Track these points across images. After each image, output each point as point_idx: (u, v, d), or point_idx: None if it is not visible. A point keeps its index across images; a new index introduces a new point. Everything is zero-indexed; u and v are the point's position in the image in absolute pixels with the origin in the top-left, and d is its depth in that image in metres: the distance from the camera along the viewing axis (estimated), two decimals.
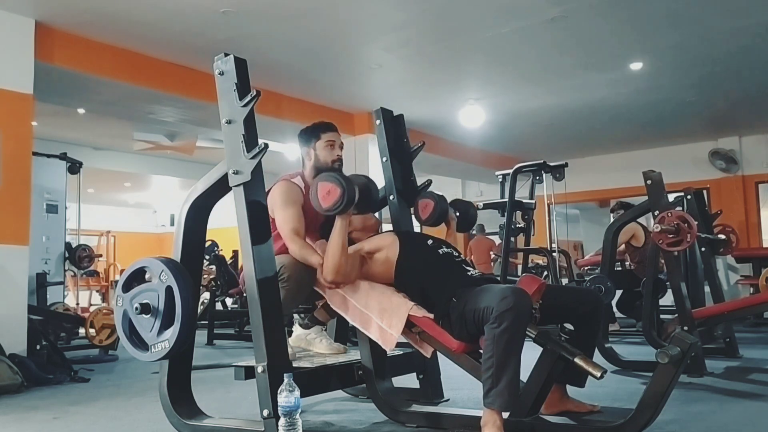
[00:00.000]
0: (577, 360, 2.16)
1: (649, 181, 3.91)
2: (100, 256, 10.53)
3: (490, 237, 8.95)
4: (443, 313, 2.37)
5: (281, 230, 2.68)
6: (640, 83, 6.55)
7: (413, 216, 3.10)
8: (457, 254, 2.64)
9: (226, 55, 2.38)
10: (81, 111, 7.19)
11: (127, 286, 2.45)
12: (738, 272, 8.66)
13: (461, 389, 3.20)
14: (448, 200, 3.07)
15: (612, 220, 5.97)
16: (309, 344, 2.97)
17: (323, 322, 2.99)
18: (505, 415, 2.17)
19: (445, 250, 2.61)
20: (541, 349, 2.27)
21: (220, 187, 2.50)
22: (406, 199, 3.10)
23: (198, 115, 6.78)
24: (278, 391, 2.07)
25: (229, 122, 2.36)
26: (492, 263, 8.82)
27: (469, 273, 2.50)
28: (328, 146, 2.89)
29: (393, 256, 2.56)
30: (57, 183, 6.96)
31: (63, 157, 7.00)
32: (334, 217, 2.49)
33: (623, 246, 6.24)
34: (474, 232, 9.12)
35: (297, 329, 3.00)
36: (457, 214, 3.09)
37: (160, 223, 16.25)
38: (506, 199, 6.53)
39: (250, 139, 2.32)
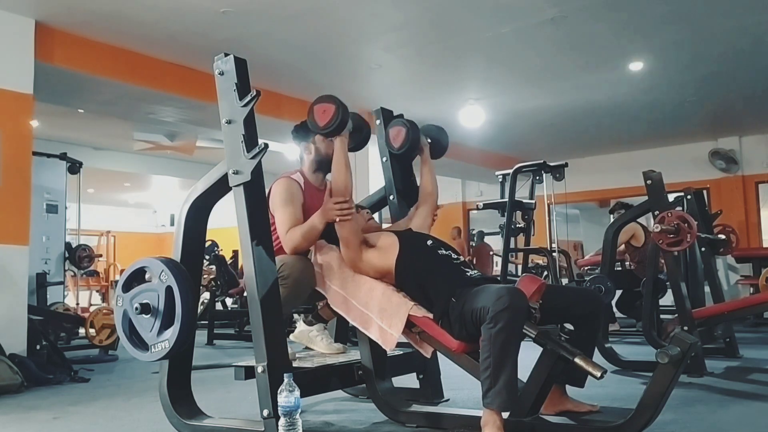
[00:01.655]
0: (577, 360, 2.16)
1: (649, 181, 3.92)
2: (100, 256, 10.53)
3: (492, 236, 8.98)
4: (443, 313, 2.37)
5: (279, 229, 2.68)
6: (639, 83, 6.55)
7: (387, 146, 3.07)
8: (456, 256, 2.64)
9: (226, 55, 2.38)
10: (81, 111, 7.19)
11: (127, 286, 2.45)
12: (738, 272, 8.67)
13: (461, 389, 3.20)
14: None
15: (612, 220, 5.97)
16: (310, 341, 2.97)
17: (326, 320, 3.00)
18: (505, 415, 2.17)
19: (444, 252, 2.61)
20: (541, 349, 2.26)
21: (220, 187, 2.49)
22: (406, 199, 3.10)
23: (198, 115, 6.78)
24: (278, 391, 2.06)
25: (229, 122, 2.36)
26: (496, 265, 8.85)
27: (468, 274, 2.50)
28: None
29: (393, 257, 2.56)
30: (57, 183, 6.96)
31: (63, 157, 7.00)
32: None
33: (623, 246, 6.24)
34: (474, 237, 9.17)
35: (301, 325, 3.00)
36: (429, 140, 3.04)
37: (160, 223, 16.25)
38: (506, 199, 6.53)
39: (250, 139, 2.32)
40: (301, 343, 3.02)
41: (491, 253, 9.08)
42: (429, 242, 2.64)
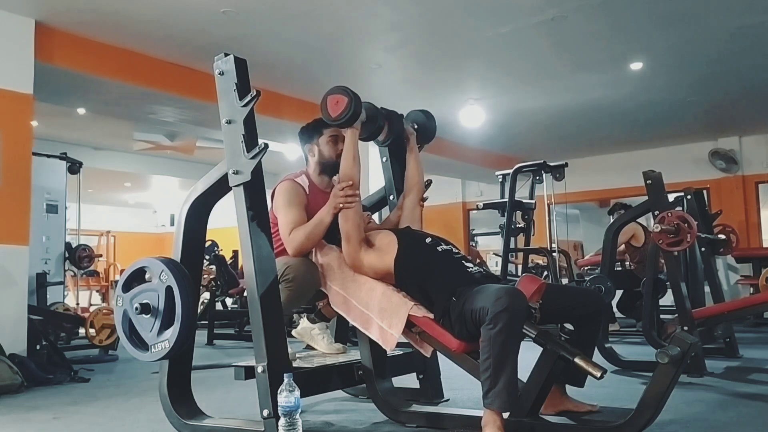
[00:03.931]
0: (577, 360, 2.16)
1: (649, 181, 3.92)
2: (100, 256, 10.53)
3: (491, 236, 8.99)
4: (443, 312, 2.37)
5: (282, 232, 2.68)
6: (639, 83, 6.55)
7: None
8: (456, 251, 2.64)
9: (226, 55, 2.38)
10: (81, 111, 7.19)
11: (127, 286, 2.45)
12: (738, 272, 8.66)
13: (461, 389, 3.20)
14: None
15: (611, 220, 5.97)
16: (311, 339, 2.97)
17: (329, 319, 3.00)
18: (506, 414, 2.17)
19: (444, 247, 2.60)
20: (541, 349, 2.26)
21: (220, 187, 2.50)
22: None
23: (198, 115, 6.78)
24: (278, 391, 2.07)
25: (229, 122, 2.36)
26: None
27: (469, 269, 2.50)
28: (331, 141, 2.89)
29: (392, 256, 2.55)
30: (57, 183, 6.95)
31: (63, 157, 7.00)
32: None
33: (623, 246, 6.24)
34: (472, 244, 9.20)
35: (304, 321, 3.00)
36: (415, 126, 2.96)
37: (160, 223, 16.24)
38: (506, 199, 6.54)
39: (250, 139, 2.32)
40: (302, 340, 3.02)
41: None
42: (428, 240, 2.64)
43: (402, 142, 2.99)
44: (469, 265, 2.54)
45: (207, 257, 7.22)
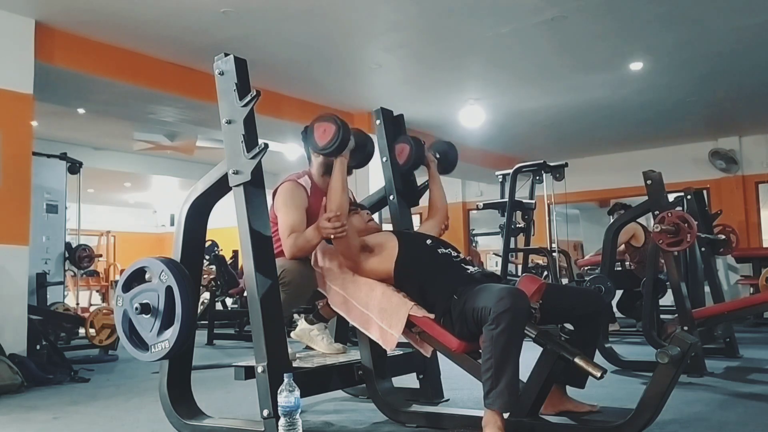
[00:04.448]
0: (577, 360, 2.16)
1: (649, 181, 3.92)
2: (100, 256, 10.53)
3: (491, 236, 8.98)
4: (444, 310, 2.37)
5: (281, 233, 2.68)
6: (639, 83, 6.55)
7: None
8: (456, 254, 2.64)
9: (226, 55, 2.38)
10: (81, 111, 7.19)
11: (127, 286, 2.45)
12: (738, 272, 8.66)
13: (461, 389, 3.20)
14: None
15: (612, 220, 5.97)
16: (311, 340, 2.97)
17: (327, 320, 3.00)
18: (506, 415, 2.17)
19: (444, 250, 2.61)
20: (541, 349, 2.26)
21: (220, 187, 2.49)
22: (406, 199, 3.10)
23: (198, 115, 6.78)
24: (278, 391, 2.07)
25: (229, 122, 2.36)
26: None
27: (469, 271, 2.50)
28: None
29: (392, 255, 2.56)
30: (57, 183, 6.95)
31: (63, 157, 7.00)
32: None
33: (623, 246, 6.24)
34: (473, 245, 9.20)
35: (302, 323, 3.00)
36: (437, 155, 3.05)
37: (160, 223, 16.24)
38: (506, 199, 6.53)
39: (250, 139, 2.32)
40: (301, 341, 3.02)
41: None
42: (428, 241, 2.64)
43: (416, 165, 3.08)
44: (469, 267, 2.54)
45: (207, 257, 7.22)
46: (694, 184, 6.25)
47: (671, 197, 4.70)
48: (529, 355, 2.27)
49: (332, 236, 2.52)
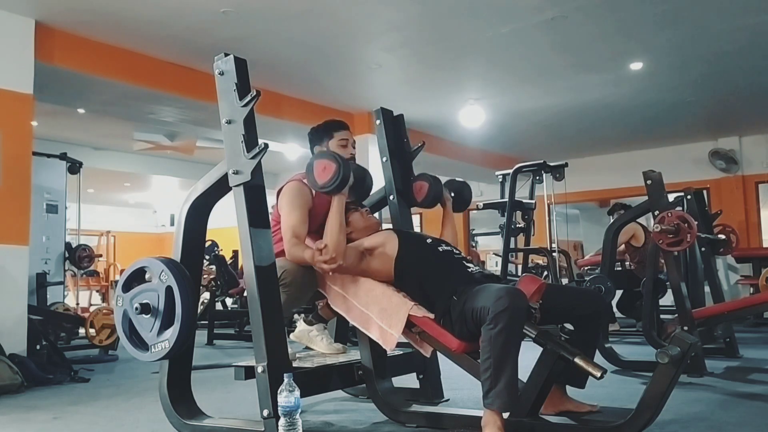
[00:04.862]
0: (577, 360, 2.16)
1: (649, 181, 3.92)
2: (100, 256, 10.53)
3: (491, 236, 8.98)
4: (444, 311, 2.37)
5: (283, 232, 2.68)
6: (639, 83, 6.55)
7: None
8: (457, 252, 2.65)
9: (226, 55, 2.38)
10: (81, 111, 7.19)
11: (127, 286, 2.45)
12: (738, 272, 8.66)
13: (461, 389, 3.20)
14: (442, 181, 3.10)
15: (611, 220, 5.97)
16: (310, 341, 2.97)
17: (326, 320, 3.00)
18: (506, 414, 2.17)
19: (445, 247, 2.61)
20: (541, 349, 2.26)
21: (220, 187, 2.50)
22: (406, 199, 3.10)
23: (198, 115, 6.78)
24: (278, 391, 2.07)
25: (229, 122, 2.36)
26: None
27: (470, 269, 2.50)
28: (341, 145, 2.89)
29: (392, 255, 2.56)
30: (57, 183, 6.96)
31: (63, 157, 7.00)
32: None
33: (623, 246, 6.24)
34: (473, 245, 9.19)
35: (301, 324, 3.00)
36: (452, 194, 3.11)
37: (160, 223, 16.24)
38: (506, 199, 6.54)
39: (250, 139, 2.32)
40: (301, 342, 3.02)
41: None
42: (428, 240, 2.65)
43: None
44: (470, 265, 2.55)
45: (207, 257, 7.22)
46: (694, 184, 6.25)
47: (671, 197, 4.70)
48: (529, 355, 2.27)
49: (323, 270, 2.50)
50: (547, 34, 5.23)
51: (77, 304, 9.02)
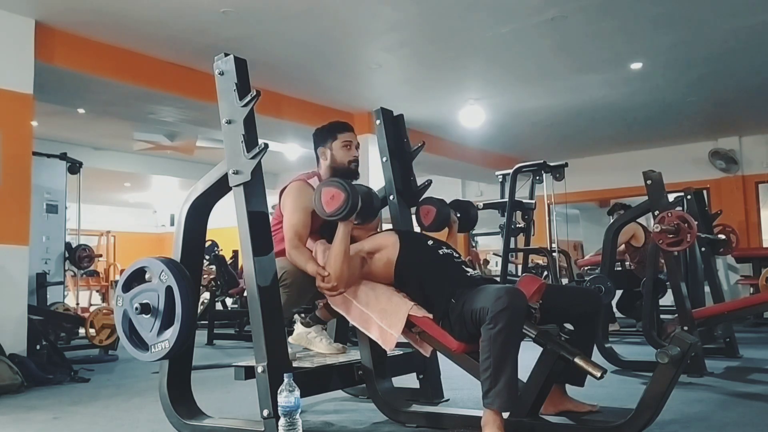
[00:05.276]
0: (577, 360, 2.16)
1: (649, 181, 3.92)
2: (100, 256, 10.53)
3: (491, 236, 8.98)
4: (443, 313, 2.37)
5: (285, 232, 2.68)
6: (639, 83, 6.56)
7: (414, 219, 3.13)
8: (457, 255, 2.65)
9: (226, 55, 2.38)
10: (81, 111, 7.19)
11: (127, 286, 2.45)
12: (738, 272, 8.66)
13: (461, 389, 3.20)
14: (448, 200, 3.09)
15: (611, 220, 5.97)
16: (309, 343, 2.97)
17: (325, 322, 3.00)
18: (505, 414, 2.17)
19: (446, 250, 2.61)
20: (541, 349, 2.27)
21: (220, 187, 2.50)
22: (406, 199, 3.10)
23: (198, 115, 6.78)
24: (278, 391, 2.07)
25: (229, 122, 2.36)
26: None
27: (469, 273, 2.50)
28: (345, 147, 2.89)
29: (393, 256, 2.56)
30: (57, 183, 6.95)
31: (63, 157, 7.00)
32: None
33: (623, 246, 6.24)
34: (473, 245, 9.18)
35: (298, 327, 3.00)
36: (458, 215, 3.11)
37: (160, 223, 16.24)
38: (506, 199, 6.53)
39: (250, 139, 2.32)
40: (299, 345, 3.02)
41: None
42: (430, 242, 2.65)
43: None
44: (469, 269, 2.55)
45: (207, 257, 7.22)
46: (694, 184, 6.24)
47: (671, 197, 4.70)
48: (529, 355, 2.27)
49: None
50: (547, 34, 5.23)
51: (77, 304, 9.02)
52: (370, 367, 2.68)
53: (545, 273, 7.28)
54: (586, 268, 7.65)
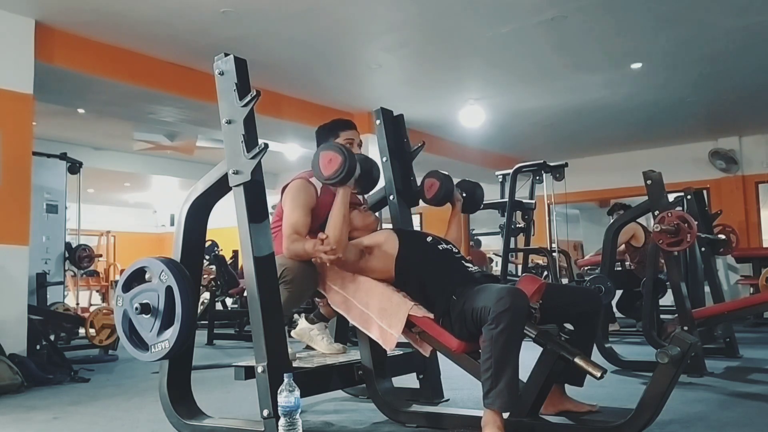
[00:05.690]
0: (577, 360, 2.16)
1: (649, 181, 3.92)
2: (100, 256, 10.53)
3: (491, 236, 8.97)
4: (444, 311, 2.37)
5: (284, 228, 2.68)
6: (639, 83, 6.55)
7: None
8: (456, 250, 2.65)
9: (226, 55, 2.38)
10: (81, 111, 7.19)
11: (127, 286, 2.45)
12: (738, 272, 8.66)
13: (461, 389, 3.20)
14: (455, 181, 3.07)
15: (611, 220, 5.97)
16: (311, 339, 2.97)
17: (328, 319, 3.00)
18: (506, 414, 2.17)
19: (445, 246, 2.62)
20: (541, 349, 2.27)
21: (220, 187, 2.50)
22: (406, 199, 3.10)
23: (198, 115, 6.78)
24: (278, 391, 2.07)
25: (229, 122, 2.36)
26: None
27: (469, 269, 2.51)
28: (348, 144, 2.89)
29: (392, 253, 2.56)
30: (57, 183, 6.95)
31: (63, 157, 7.00)
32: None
33: (623, 246, 6.24)
34: (471, 244, 9.18)
35: (302, 322, 3.00)
36: (464, 194, 3.09)
37: (160, 223, 16.23)
38: (506, 199, 6.54)
39: (250, 139, 2.32)
40: (302, 340, 3.02)
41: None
42: (429, 239, 2.65)
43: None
44: (469, 265, 2.55)
45: (207, 257, 7.22)
46: (694, 184, 6.24)
47: (671, 197, 4.70)
48: (529, 355, 2.27)
49: (322, 260, 2.47)
50: (547, 34, 5.23)
51: (77, 304, 9.02)
52: (370, 367, 2.68)
53: (545, 273, 7.28)
54: (586, 268, 7.65)
